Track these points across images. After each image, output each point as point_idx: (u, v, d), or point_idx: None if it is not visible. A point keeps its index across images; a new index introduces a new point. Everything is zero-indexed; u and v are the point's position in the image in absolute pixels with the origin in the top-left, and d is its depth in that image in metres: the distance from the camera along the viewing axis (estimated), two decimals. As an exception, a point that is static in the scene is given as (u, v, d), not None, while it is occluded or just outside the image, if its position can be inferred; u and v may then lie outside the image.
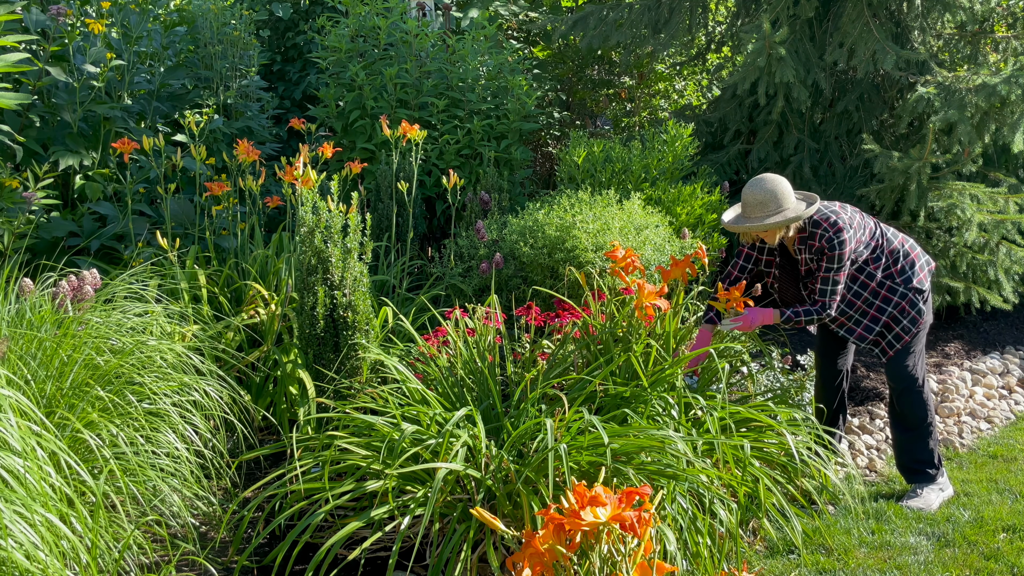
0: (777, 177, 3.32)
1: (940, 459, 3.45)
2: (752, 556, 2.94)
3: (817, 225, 3.30)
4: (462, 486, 2.78)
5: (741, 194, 3.35)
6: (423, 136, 4.32)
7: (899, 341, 3.39)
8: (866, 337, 3.42)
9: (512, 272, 4.27)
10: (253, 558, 2.81)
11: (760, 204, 3.28)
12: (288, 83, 6.81)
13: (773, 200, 3.27)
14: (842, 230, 3.26)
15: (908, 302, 3.37)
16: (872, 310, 3.40)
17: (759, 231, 3.31)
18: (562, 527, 1.95)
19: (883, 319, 3.39)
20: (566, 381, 3.30)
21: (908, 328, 3.37)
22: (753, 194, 3.29)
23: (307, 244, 3.45)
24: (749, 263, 3.57)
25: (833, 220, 3.28)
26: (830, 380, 3.71)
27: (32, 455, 2.16)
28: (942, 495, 3.37)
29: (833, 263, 3.28)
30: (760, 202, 3.28)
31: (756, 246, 3.55)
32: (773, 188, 3.28)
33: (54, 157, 4.17)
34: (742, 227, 3.31)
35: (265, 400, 3.59)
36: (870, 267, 3.38)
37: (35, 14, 4.19)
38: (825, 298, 3.32)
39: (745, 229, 3.31)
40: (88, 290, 2.92)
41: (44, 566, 2.01)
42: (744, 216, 3.35)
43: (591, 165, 5.11)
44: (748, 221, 3.32)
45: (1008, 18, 5.71)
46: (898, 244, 3.42)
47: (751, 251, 3.57)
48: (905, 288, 3.37)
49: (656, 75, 7.81)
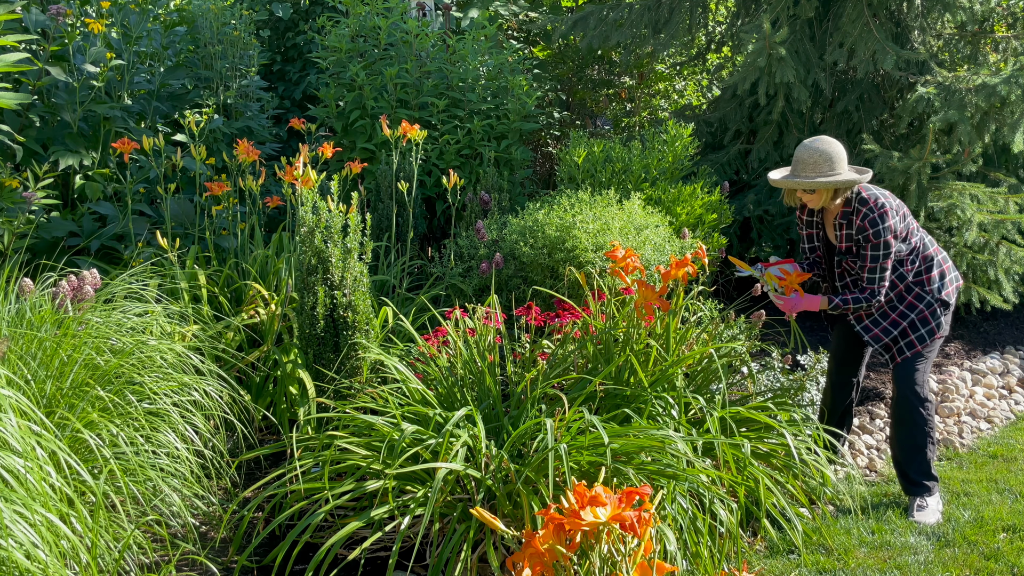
0: (834, 140, 3.22)
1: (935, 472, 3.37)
2: (752, 556, 2.94)
3: (864, 203, 3.21)
4: (462, 486, 2.78)
5: (794, 153, 3.27)
6: (423, 136, 4.32)
7: (911, 349, 3.32)
8: (881, 339, 3.35)
9: (512, 272, 4.27)
10: (253, 558, 2.81)
11: (814, 164, 3.17)
12: (288, 83, 6.81)
13: (827, 161, 3.16)
14: (887, 215, 3.17)
15: (931, 312, 3.31)
16: (894, 313, 3.33)
17: (806, 188, 3.20)
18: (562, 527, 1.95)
19: (903, 324, 3.32)
20: (566, 381, 3.30)
21: (924, 338, 3.31)
22: (808, 153, 3.19)
23: (307, 244, 3.45)
24: (810, 241, 3.49)
25: (881, 203, 3.19)
26: (840, 390, 3.64)
27: (32, 455, 2.16)
28: (939, 508, 3.30)
29: (879, 249, 3.19)
30: (814, 161, 3.17)
31: (803, 219, 3.47)
32: (829, 150, 3.18)
33: (54, 157, 4.17)
34: (790, 183, 3.21)
35: (265, 400, 3.59)
36: (903, 267, 3.31)
37: (35, 14, 4.18)
38: (874, 285, 3.23)
39: (793, 185, 3.21)
40: (88, 290, 2.92)
41: (44, 566, 2.01)
42: (794, 173, 3.24)
43: (591, 165, 5.11)
44: (797, 178, 3.21)
45: (1008, 18, 5.71)
46: (933, 252, 3.35)
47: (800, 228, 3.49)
48: (932, 297, 3.30)
49: (656, 75, 7.81)
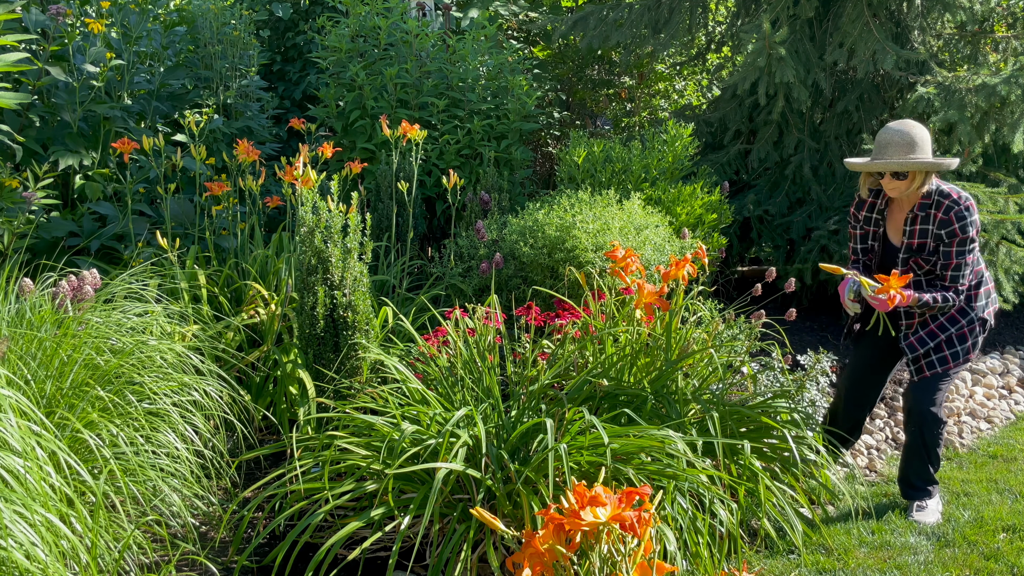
0: (919, 123, 3.10)
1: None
2: (752, 556, 2.94)
3: (946, 195, 3.07)
4: (462, 486, 2.78)
5: (878, 137, 3.12)
6: (423, 136, 4.32)
7: (942, 365, 3.19)
8: (916, 348, 3.20)
9: (512, 272, 4.27)
10: (253, 558, 2.81)
11: (906, 145, 3.02)
12: (288, 83, 6.81)
13: (918, 144, 3.03)
14: (972, 208, 3.05)
15: (971, 329, 3.19)
16: (934, 324, 3.19)
17: (899, 172, 3.04)
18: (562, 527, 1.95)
19: (941, 336, 3.18)
20: (566, 381, 3.30)
21: (958, 355, 3.18)
22: (896, 135, 3.05)
23: (307, 244, 3.45)
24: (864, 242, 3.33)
25: (966, 195, 3.06)
26: (856, 404, 3.44)
27: (32, 455, 2.15)
28: (939, 508, 3.28)
29: (965, 244, 3.05)
30: (906, 143, 3.02)
31: (860, 216, 3.30)
32: (920, 133, 3.04)
33: (54, 157, 4.17)
34: (882, 164, 3.04)
35: (265, 400, 3.59)
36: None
37: (35, 14, 4.18)
38: (958, 283, 3.08)
39: (883, 167, 3.04)
40: (88, 290, 2.92)
41: (44, 566, 2.01)
42: (882, 156, 3.07)
43: (591, 165, 5.11)
44: (890, 159, 3.04)
45: (1008, 18, 5.71)
46: (983, 268, 3.24)
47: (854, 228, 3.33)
48: (975, 315, 3.20)
49: (656, 75, 7.81)
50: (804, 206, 5.47)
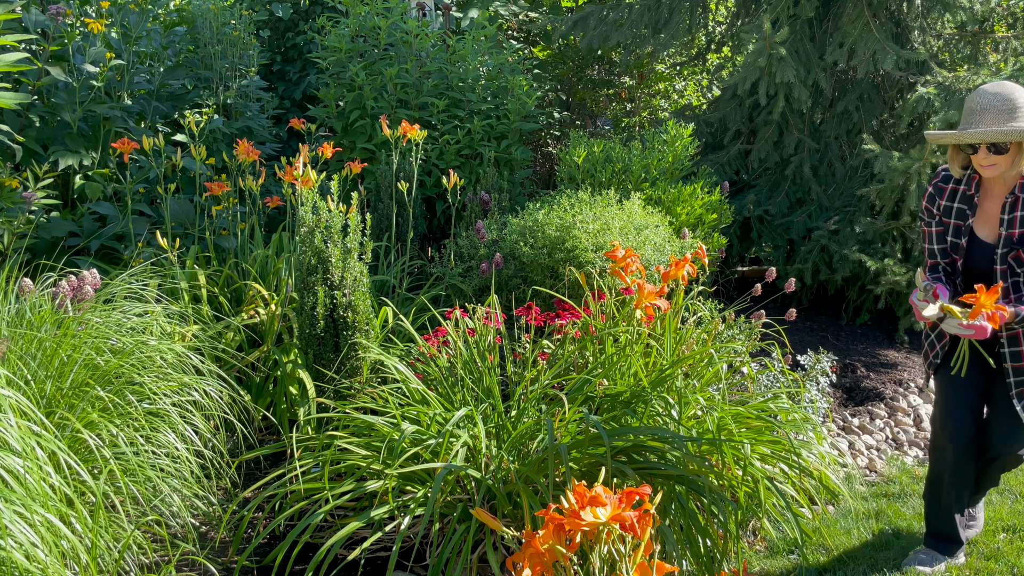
0: (1020, 87, 2.52)
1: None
2: (752, 556, 2.93)
3: None
4: (462, 486, 2.78)
5: (968, 103, 2.54)
6: (423, 136, 4.32)
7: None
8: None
9: (512, 272, 4.27)
10: (253, 558, 2.81)
11: (1005, 111, 2.43)
12: (288, 83, 6.81)
13: (1019, 110, 2.44)
14: None
15: None
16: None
17: (995, 140, 2.42)
18: (562, 527, 1.94)
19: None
20: (566, 381, 3.29)
21: None
22: (992, 99, 2.46)
23: (307, 244, 3.44)
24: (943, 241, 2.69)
25: None
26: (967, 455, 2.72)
27: (32, 455, 2.15)
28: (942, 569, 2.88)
29: None
30: (1007, 108, 2.43)
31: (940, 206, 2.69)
32: (1019, 96, 2.46)
33: (54, 157, 4.17)
34: (974, 132, 2.44)
35: (265, 400, 3.59)
36: None
37: (35, 14, 4.18)
38: None
39: (979, 135, 2.43)
40: (88, 290, 2.92)
41: (44, 566, 2.01)
42: (974, 125, 2.47)
43: (591, 165, 5.11)
44: (981, 126, 2.45)
45: (1008, 18, 5.71)
46: None
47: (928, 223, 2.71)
48: None
49: (656, 75, 7.81)
50: (804, 206, 5.47)
